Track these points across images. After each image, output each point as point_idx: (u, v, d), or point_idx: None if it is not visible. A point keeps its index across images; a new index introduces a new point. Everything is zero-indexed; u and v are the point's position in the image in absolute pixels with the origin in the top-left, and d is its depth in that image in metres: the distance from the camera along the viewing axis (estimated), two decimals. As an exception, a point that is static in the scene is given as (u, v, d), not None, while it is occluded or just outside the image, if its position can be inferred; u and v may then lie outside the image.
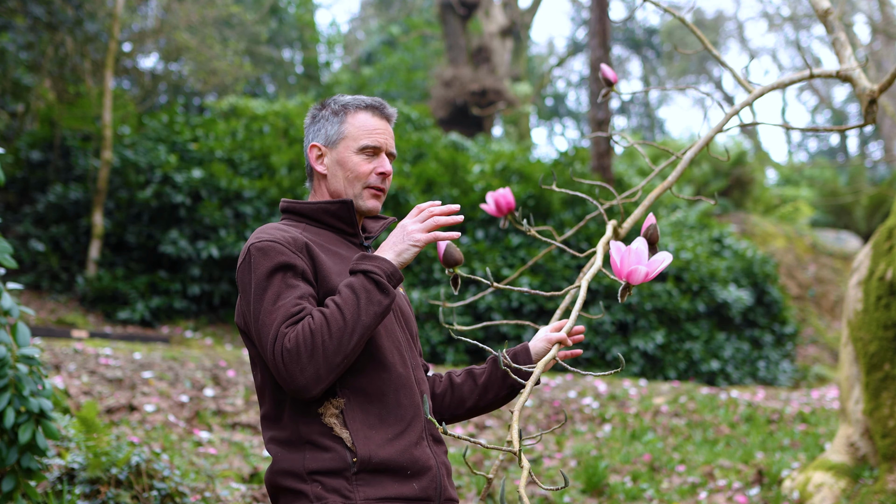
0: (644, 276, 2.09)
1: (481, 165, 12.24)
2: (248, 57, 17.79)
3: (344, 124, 2.26)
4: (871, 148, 32.27)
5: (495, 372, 2.33)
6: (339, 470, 2.03)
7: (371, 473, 2.04)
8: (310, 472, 2.04)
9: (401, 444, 2.08)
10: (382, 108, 2.29)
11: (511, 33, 20.80)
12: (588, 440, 7.01)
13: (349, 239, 2.26)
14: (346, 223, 2.25)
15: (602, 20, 12.30)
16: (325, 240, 2.21)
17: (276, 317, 2.02)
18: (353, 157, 2.24)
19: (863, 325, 5.02)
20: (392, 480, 2.05)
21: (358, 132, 2.25)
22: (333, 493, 2.02)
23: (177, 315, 10.32)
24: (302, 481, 2.05)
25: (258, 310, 2.04)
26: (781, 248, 16.45)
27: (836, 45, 3.06)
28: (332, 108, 2.29)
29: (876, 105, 2.96)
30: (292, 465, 2.06)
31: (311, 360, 1.98)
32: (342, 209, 2.23)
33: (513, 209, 2.90)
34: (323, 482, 2.03)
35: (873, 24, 23.11)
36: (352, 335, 2.00)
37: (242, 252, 2.13)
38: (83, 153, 11.36)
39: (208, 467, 4.97)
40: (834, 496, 4.99)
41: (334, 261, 2.16)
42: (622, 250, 2.10)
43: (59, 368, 6.54)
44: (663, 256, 2.11)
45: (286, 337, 1.99)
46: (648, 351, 10.44)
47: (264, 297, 2.04)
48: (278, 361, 1.99)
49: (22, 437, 3.30)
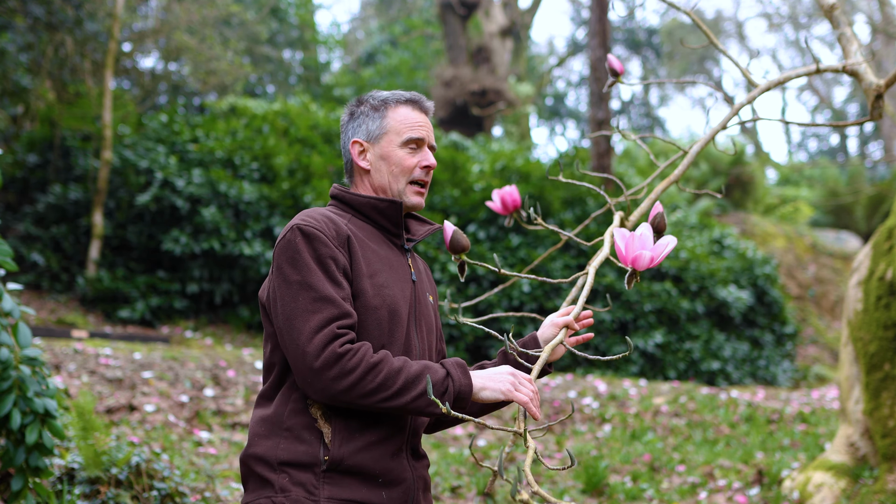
0: (649, 262, 2.08)
1: (481, 165, 12.24)
2: (248, 57, 17.79)
3: (386, 119, 2.24)
4: (871, 148, 32.28)
5: (505, 364, 2.31)
6: (308, 464, 2.02)
7: (341, 474, 2.03)
8: (281, 462, 2.03)
9: (377, 452, 2.06)
10: (422, 101, 2.28)
11: (511, 33, 20.80)
12: (588, 440, 7.01)
13: (391, 239, 2.25)
14: (392, 223, 2.23)
15: (602, 20, 12.29)
16: (367, 235, 2.20)
17: (324, 308, 2.00)
18: (398, 151, 2.23)
19: (863, 325, 5.02)
20: (360, 485, 2.04)
21: (401, 126, 2.23)
22: (298, 486, 2.01)
23: (177, 315, 10.32)
24: (272, 470, 2.04)
25: (299, 293, 2.02)
26: (781, 248, 16.45)
27: (843, 39, 3.05)
28: (370, 103, 2.28)
29: (882, 100, 2.95)
30: (265, 451, 2.05)
31: (344, 379, 1.97)
32: (391, 208, 2.22)
33: (518, 207, 2.90)
34: (291, 474, 2.02)
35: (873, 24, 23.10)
36: (389, 399, 1.99)
37: (286, 229, 2.11)
38: (83, 153, 11.36)
39: (208, 467, 4.97)
40: (834, 496, 4.99)
41: (373, 259, 2.15)
42: (627, 236, 2.10)
43: (59, 368, 6.54)
44: (668, 240, 2.11)
45: (339, 340, 1.99)
46: (648, 351, 10.44)
47: (308, 283, 2.02)
48: (314, 352, 1.97)
49: (29, 438, 3.31)
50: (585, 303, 2.31)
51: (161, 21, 14.10)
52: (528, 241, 10.76)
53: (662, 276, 11.18)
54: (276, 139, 12.08)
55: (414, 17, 26.82)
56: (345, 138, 2.30)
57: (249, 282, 10.42)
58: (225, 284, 10.43)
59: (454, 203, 11.03)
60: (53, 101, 12.10)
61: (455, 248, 2.23)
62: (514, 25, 21.03)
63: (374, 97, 2.29)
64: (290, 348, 2.02)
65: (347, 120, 2.30)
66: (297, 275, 2.04)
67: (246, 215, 10.60)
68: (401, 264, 2.23)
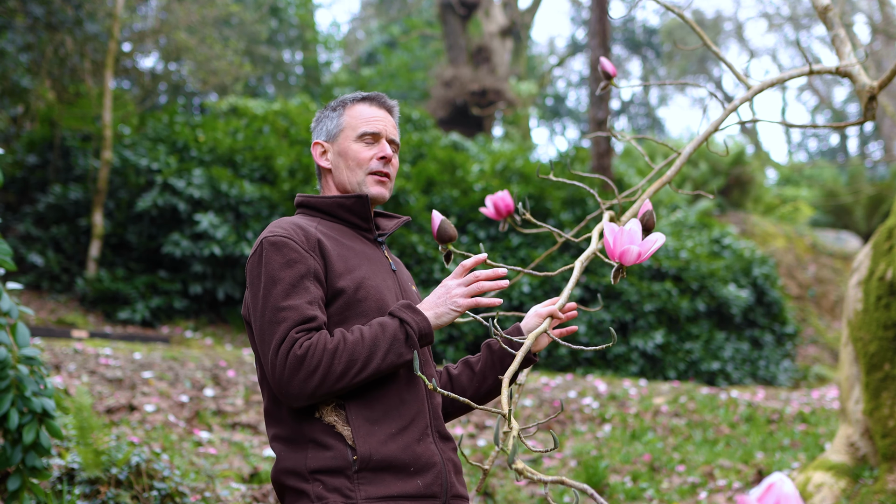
0: (637, 257, 2.08)
1: (481, 165, 12.24)
2: (248, 57, 17.79)
3: (342, 117, 2.28)
4: (871, 148, 32.28)
5: (491, 357, 2.31)
6: (340, 468, 2.02)
7: (373, 472, 2.02)
8: (311, 471, 2.03)
9: (403, 441, 2.06)
10: (380, 98, 2.31)
11: (511, 33, 20.80)
12: (588, 440, 7.01)
13: (363, 234, 2.27)
14: (360, 218, 2.25)
15: (602, 20, 12.30)
16: (339, 234, 2.21)
17: (287, 317, 2.01)
18: (353, 146, 2.26)
19: (863, 325, 5.02)
20: (394, 478, 2.03)
21: (356, 121, 2.27)
22: (335, 492, 2.01)
23: (177, 315, 10.32)
24: (304, 481, 2.04)
25: (266, 306, 2.04)
26: (781, 248, 16.45)
27: (836, 41, 3.05)
28: (331, 105, 2.33)
29: (875, 101, 2.96)
30: (295, 464, 2.06)
31: (313, 376, 1.98)
32: (357, 203, 2.24)
33: (512, 212, 2.90)
34: (324, 481, 2.02)
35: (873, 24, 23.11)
36: (360, 371, 2.00)
37: (255, 244, 2.13)
38: (83, 153, 11.35)
39: (208, 467, 4.97)
40: (834, 496, 4.99)
41: (349, 255, 2.16)
42: (615, 231, 2.10)
43: (59, 368, 6.54)
44: (656, 237, 2.11)
45: (297, 342, 1.99)
46: (648, 351, 10.44)
47: (273, 295, 2.04)
48: (280, 363, 1.98)
49: (26, 438, 3.31)
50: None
51: (161, 21, 14.10)
52: (527, 241, 10.77)
53: (662, 276, 11.19)
54: (276, 140, 12.08)
55: (414, 17, 26.81)
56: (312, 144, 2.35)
57: (250, 282, 10.42)
58: (227, 283, 10.43)
59: (454, 203, 11.03)
60: (53, 101, 12.10)
61: (442, 238, 2.23)
62: (514, 25, 21.03)
63: (337, 100, 2.34)
64: (264, 363, 2.05)
65: (314, 126, 2.35)
66: (263, 288, 2.05)
67: (246, 216, 10.60)
68: (378, 257, 2.24)
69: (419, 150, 12.96)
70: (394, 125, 2.32)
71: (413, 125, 15.32)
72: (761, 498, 1.38)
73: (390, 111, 2.32)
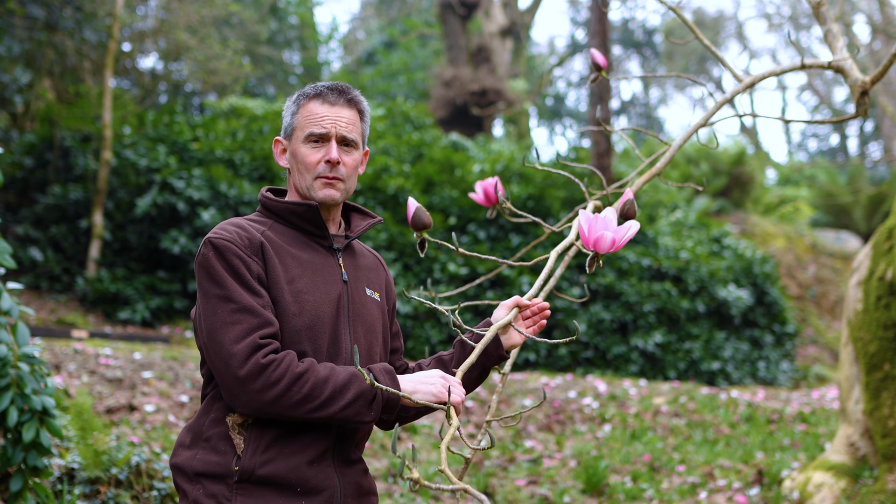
0: (611, 244, 2.07)
1: (481, 165, 12.25)
2: (248, 57, 17.79)
3: (296, 115, 2.20)
4: (871, 148, 32.28)
5: (464, 355, 2.26)
6: (221, 476, 1.99)
7: (254, 485, 1.99)
8: (196, 472, 2.01)
9: (294, 461, 2.02)
10: (336, 91, 2.19)
11: (511, 33, 20.80)
12: (588, 440, 7.01)
13: (317, 241, 2.20)
14: (313, 225, 2.18)
15: (602, 20, 12.29)
16: (289, 240, 2.15)
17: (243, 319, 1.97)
18: (301, 148, 2.18)
19: (863, 325, 5.02)
20: (276, 495, 2.00)
21: (304, 121, 2.18)
22: (211, 498, 1.98)
23: (177, 315, 10.32)
24: (188, 481, 2.02)
25: (217, 307, 2.00)
26: (781, 248, 16.45)
27: (829, 36, 3.06)
28: (293, 97, 2.24)
29: (867, 97, 2.96)
30: (184, 461, 2.04)
31: (269, 390, 1.94)
32: (308, 212, 2.16)
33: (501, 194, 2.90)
34: (205, 485, 2.00)
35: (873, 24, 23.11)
36: (317, 409, 1.96)
37: (201, 244, 2.08)
38: (83, 153, 11.35)
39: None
40: (834, 496, 4.99)
41: (291, 265, 2.11)
42: (590, 218, 2.09)
43: (59, 368, 6.54)
44: (630, 224, 2.09)
45: (262, 351, 1.95)
46: (648, 350, 10.44)
47: (223, 296, 2.00)
48: (237, 364, 1.94)
49: (26, 436, 3.30)
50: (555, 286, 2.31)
51: (161, 21, 14.10)
52: (527, 241, 10.76)
53: (662, 276, 11.19)
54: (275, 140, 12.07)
55: (413, 17, 26.81)
56: None
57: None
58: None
59: (453, 203, 11.03)
60: (53, 101, 12.09)
61: (416, 226, 2.22)
62: (514, 25, 21.03)
63: (299, 92, 2.25)
64: (214, 362, 1.99)
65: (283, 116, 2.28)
66: (215, 288, 2.01)
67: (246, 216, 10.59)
68: (327, 266, 2.17)
69: (419, 149, 12.96)
70: (351, 120, 2.19)
71: (413, 125, 15.32)
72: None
73: (350, 103, 2.20)
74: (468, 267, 10.22)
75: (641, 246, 11.39)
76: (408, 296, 2.16)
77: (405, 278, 10.17)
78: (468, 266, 10.23)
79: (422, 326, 9.85)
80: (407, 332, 9.77)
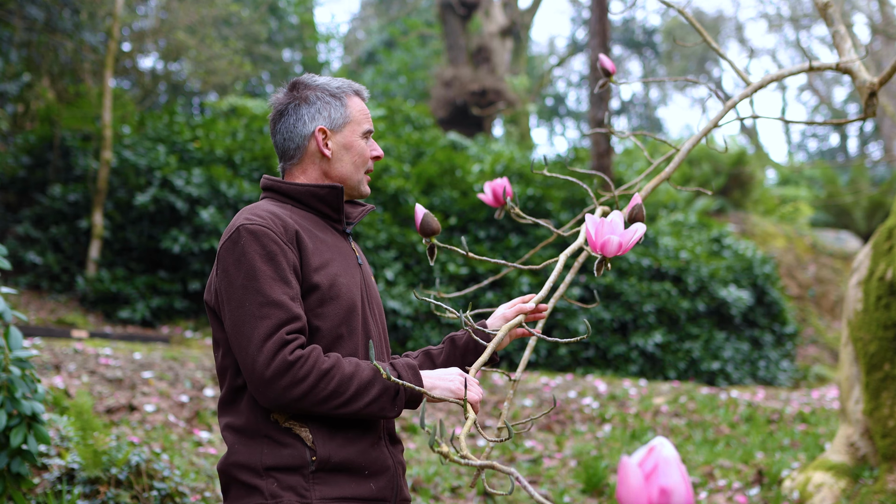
0: (618, 248, 2.08)
1: (481, 165, 12.24)
2: (248, 57, 17.80)
3: (347, 108, 2.22)
4: (871, 148, 32.28)
5: (454, 351, 2.29)
6: (296, 467, 2.00)
7: (329, 472, 2.01)
8: (266, 467, 2.01)
9: (360, 445, 2.06)
10: (365, 91, 2.31)
11: (511, 33, 20.80)
12: (588, 440, 7.01)
13: (333, 225, 2.22)
14: (333, 209, 2.20)
15: (602, 20, 12.29)
16: (311, 224, 2.17)
17: (272, 314, 1.97)
18: (359, 142, 2.23)
19: (863, 325, 5.02)
20: (349, 480, 2.03)
21: (360, 116, 2.24)
22: (289, 490, 1.99)
23: (177, 315, 10.31)
24: (258, 476, 2.01)
25: (246, 298, 1.99)
26: (781, 248, 16.45)
27: (836, 37, 3.05)
28: (328, 90, 2.23)
29: (876, 98, 2.95)
30: (249, 458, 2.03)
31: (296, 387, 1.95)
32: (332, 194, 2.18)
33: (511, 198, 2.90)
34: (279, 479, 2.00)
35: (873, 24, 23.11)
36: (343, 405, 1.99)
37: (229, 229, 2.06)
38: (83, 153, 11.35)
39: (208, 467, 4.97)
40: (834, 496, 4.98)
41: (323, 249, 2.13)
42: (597, 222, 2.10)
43: (59, 368, 6.53)
44: (637, 227, 2.10)
45: (289, 347, 1.96)
46: (648, 350, 10.44)
47: (254, 287, 1.99)
48: (264, 360, 1.94)
49: (13, 441, 3.25)
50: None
51: (161, 21, 14.10)
52: (527, 241, 10.76)
53: (662, 276, 11.19)
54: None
55: (413, 17, 26.81)
56: (295, 123, 2.21)
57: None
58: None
59: (453, 203, 11.03)
60: (53, 101, 12.09)
61: (425, 231, 2.23)
62: (514, 25, 21.03)
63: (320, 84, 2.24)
64: (240, 356, 1.99)
65: (298, 104, 2.21)
66: (243, 278, 2.00)
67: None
68: (346, 250, 2.21)
69: (419, 150, 12.96)
70: None
71: (413, 125, 15.32)
72: (642, 462, 1.41)
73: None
74: (468, 267, 10.22)
75: (641, 246, 11.39)
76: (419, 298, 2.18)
77: (405, 278, 10.17)
78: (468, 266, 10.22)
79: (422, 327, 9.84)
80: (407, 332, 9.77)
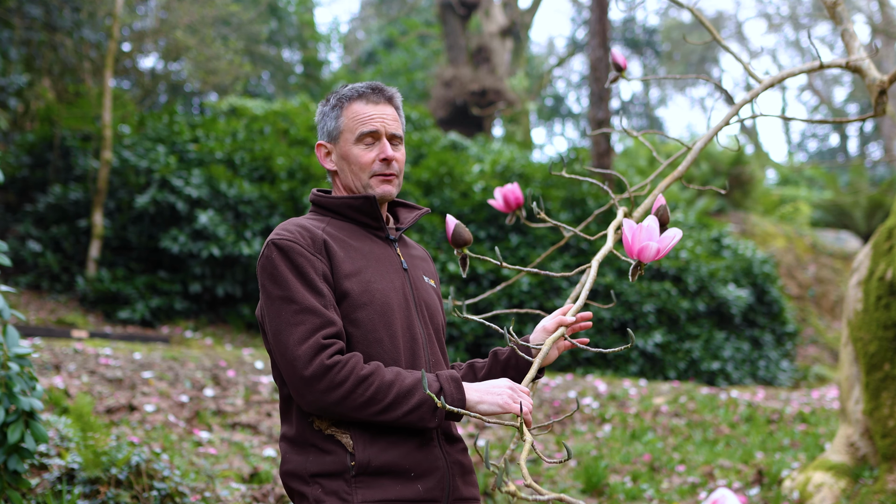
0: (655, 253, 2.09)
1: (481, 166, 12.24)
2: (248, 57, 17.79)
3: (340, 118, 2.25)
4: (871, 148, 32.28)
5: (496, 365, 2.30)
6: (338, 472, 2.03)
7: (371, 476, 2.03)
8: (311, 474, 2.05)
9: (405, 447, 2.06)
10: (377, 92, 2.26)
11: (511, 33, 20.80)
12: (588, 440, 7.01)
13: (374, 233, 2.25)
14: (370, 217, 2.24)
15: (602, 20, 12.29)
16: (348, 234, 2.20)
17: (306, 319, 2.02)
18: (353, 149, 2.23)
19: (863, 325, 5.02)
20: (393, 482, 2.04)
21: (353, 123, 2.23)
22: (332, 495, 2.02)
23: (177, 315, 10.31)
24: (305, 483, 2.06)
25: (282, 308, 2.04)
26: (781, 248, 16.45)
27: (846, 35, 3.02)
28: (330, 102, 2.28)
29: (886, 96, 2.92)
30: (297, 466, 2.08)
31: (334, 391, 1.99)
32: (365, 204, 2.22)
33: (521, 205, 2.91)
34: (323, 484, 2.04)
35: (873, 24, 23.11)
36: (380, 413, 2.01)
37: (263, 247, 2.13)
38: (83, 153, 11.35)
39: (208, 467, 4.97)
40: (834, 496, 4.99)
41: (356, 257, 2.16)
42: (633, 227, 2.11)
43: (59, 368, 6.53)
44: (674, 232, 2.11)
45: (327, 351, 2.00)
46: (648, 350, 10.44)
47: (287, 297, 2.05)
48: (302, 364, 1.99)
49: (11, 437, 3.25)
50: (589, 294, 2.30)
51: (161, 21, 14.10)
52: (527, 240, 10.76)
53: (662, 276, 11.19)
54: (275, 140, 12.07)
55: (413, 17, 26.81)
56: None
57: (251, 279, 10.42)
58: (227, 282, 10.42)
59: (453, 204, 11.03)
60: (53, 101, 12.09)
61: (457, 242, 2.24)
62: (514, 25, 21.03)
63: (336, 94, 2.28)
64: (280, 363, 2.04)
65: (318, 121, 2.31)
66: (278, 290, 2.06)
67: (246, 215, 10.59)
68: (387, 256, 2.23)
69: (419, 150, 12.96)
70: (394, 117, 2.27)
71: (413, 125, 15.32)
72: None
73: (390, 100, 2.27)
74: (468, 267, 10.22)
75: (641, 246, 11.39)
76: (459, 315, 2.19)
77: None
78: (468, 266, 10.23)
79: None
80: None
